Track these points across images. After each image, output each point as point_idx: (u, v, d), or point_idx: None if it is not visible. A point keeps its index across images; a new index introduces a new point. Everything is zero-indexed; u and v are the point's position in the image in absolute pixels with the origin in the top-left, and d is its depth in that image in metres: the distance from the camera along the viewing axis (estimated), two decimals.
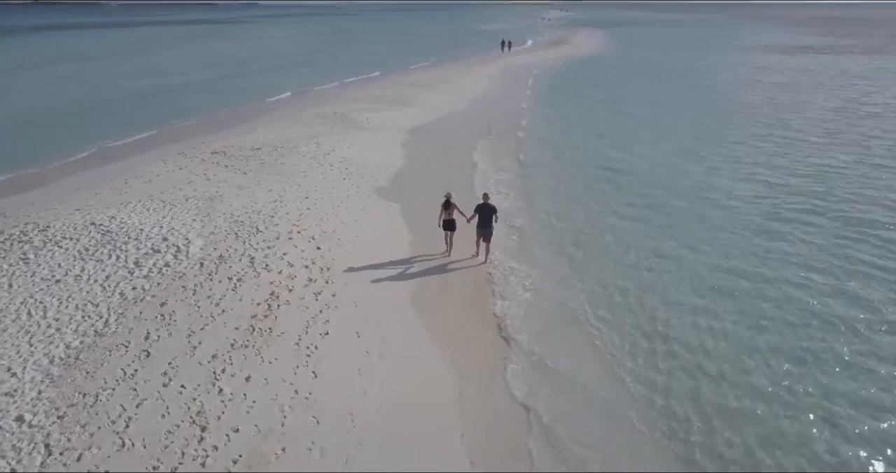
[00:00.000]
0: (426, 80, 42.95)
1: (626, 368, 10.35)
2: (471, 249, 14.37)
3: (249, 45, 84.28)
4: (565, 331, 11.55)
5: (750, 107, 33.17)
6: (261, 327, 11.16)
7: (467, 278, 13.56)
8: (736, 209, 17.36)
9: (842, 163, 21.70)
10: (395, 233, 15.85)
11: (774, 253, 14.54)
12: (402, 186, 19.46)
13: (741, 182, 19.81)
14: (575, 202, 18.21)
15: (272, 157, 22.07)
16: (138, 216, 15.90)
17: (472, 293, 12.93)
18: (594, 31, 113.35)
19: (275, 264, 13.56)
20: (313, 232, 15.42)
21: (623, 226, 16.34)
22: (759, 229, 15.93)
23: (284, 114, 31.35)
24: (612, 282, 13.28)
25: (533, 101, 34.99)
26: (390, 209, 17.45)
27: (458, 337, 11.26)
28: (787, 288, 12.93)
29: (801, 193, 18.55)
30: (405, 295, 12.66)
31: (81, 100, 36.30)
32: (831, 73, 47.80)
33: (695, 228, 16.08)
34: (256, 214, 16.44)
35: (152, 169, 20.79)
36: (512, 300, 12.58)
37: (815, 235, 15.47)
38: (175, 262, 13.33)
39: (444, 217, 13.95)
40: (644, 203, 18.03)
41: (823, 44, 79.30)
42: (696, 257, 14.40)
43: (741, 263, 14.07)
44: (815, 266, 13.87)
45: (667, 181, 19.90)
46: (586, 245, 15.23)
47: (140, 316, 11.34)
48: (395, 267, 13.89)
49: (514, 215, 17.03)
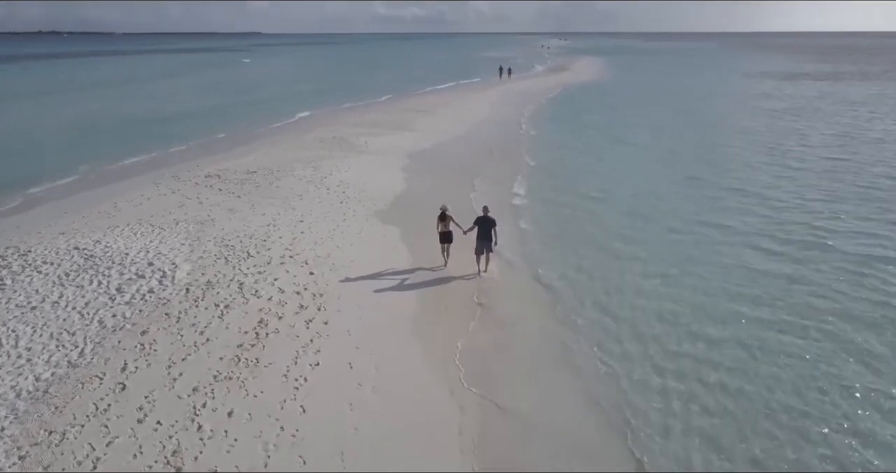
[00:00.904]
0: (426, 105, 42.82)
1: (633, 408, 9.61)
2: (468, 260, 14.22)
3: (251, 73, 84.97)
4: (568, 361, 10.82)
5: (748, 133, 32.53)
6: (247, 357, 10.43)
7: (466, 299, 12.99)
8: (734, 235, 16.63)
9: (844, 192, 20.70)
10: (392, 256, 15.21)
11: (770, 283, 13.83)
12: (400, 210, 18.89)
13: (741, 209, 19.03)
14: (576, 230, 17.41)
15: (267, 181, 21.54)
16: (125, 240, 15.27)
17: (472, 315, 12.27)
18: (594, 58, 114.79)
19: (265, 290, 12.87)
20: (307, 256, 14.77)
21: (622, 250, 15.69)
22: (755, 258, 15.06)
23: (282, 138, 30.99)
24: (614, 312, 12.59)
25: (532, 128, 34.50)
26: (388, 232, 16.85)
27: (457, 366, 10.53)
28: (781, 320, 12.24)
29: (804, 224, 17.54)
30: (402, 322, 11.96)
31: (78, 126, 36.09)
32: (830, 98, 47.65)
33: (695, 255, 15.34)
34: (248, 238, 15.81)
35: (143, 192, 20.24)
36: (509, 329, 11.88)
37: (820, 266, 14.57)
38: (160, 288, 12.65)
39: (440, 229, 14.10)
40: (642, 228, 17.38)
41: (821, 71, 79.88)
42: (700, 284, 13.71)
43: (737, 288, 13.42)
44: (816, 300, 13.12)
45: (665, 207, 19.17)
46: (584, 270, 14.59)
47: (118, 345, 10.62)
48: (391, 292, 13.23)
49: (515, 239, 16.45)
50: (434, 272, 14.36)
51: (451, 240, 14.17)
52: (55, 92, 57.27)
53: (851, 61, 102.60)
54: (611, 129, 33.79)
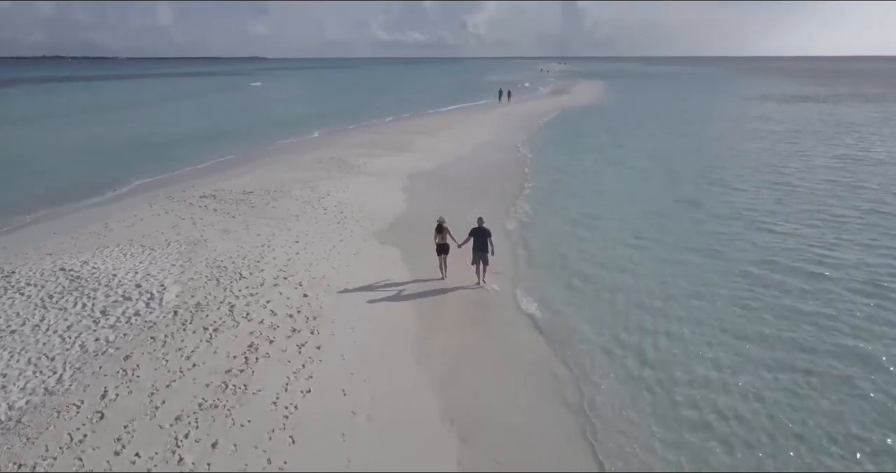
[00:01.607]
0: (426, 127, 42.67)
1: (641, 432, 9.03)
2: (466, 272, 14.52)
3: (252, 96, 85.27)
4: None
5: (749, 155, 31.87)
6: (235, 384, 9.86)
7: (464, 315, 12.66)
8: (733, 260, 16.00)
9: (849, 216, 19.91)
10: (389, 276, 14.70)
11: (770, 313, 13.27)
12: (398, 230, 18.45)
13: (740, 233, 18.38)
14: (571, 254, 16.73)
15: (263, 201, 21.13)
16: (113, 261, 14.79)
17: (472, 333, 11.78)
18: (593, 81, 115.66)
19: (256, 313, 12.35)
20: (301, 278, 14.27)
21: (618, 274, 15.11)
22: (756, 285, 14.35)
23: (280, 159, 30.69)
24: (614, 333, 12.07)
25: (532, 151, 33.96)
26: (386, 253, 16.39)
27: (459, 390, 9.96)
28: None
29: (807, 250, 16.83)
30: (399, 345, 11.43)
31: (77, 148, 35.85)
32: (830, 121, 47.27)
33: (694, 280, 14.70)
34: (241, 259, 15.33)
35: (136, 212, 19.82)
36: (507, 351, 11.34)
37: (825, 296, 13.84)
38: (146, 311, 12.12)
39: (438, 241, 14.25)
40: (642, 250, 16.86)
41: (819, 93, 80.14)
42: (699, 310, 13.18)
43: (738, 313, 12.89)
44: (821, 320, 12.62)
45: (662, 231, 18.49)
46: (585, 288, 14.13)
47: (99, 371, 10.06)
48: (387, 313, 12.70)
49: (510, 261, 15.99)
50: (432, 285, 14.27)
51: (448, 252, 14.39)
52: (59, 115, 57.19)
53: (849, 84, 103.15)
54: (610, 152, 33.30)
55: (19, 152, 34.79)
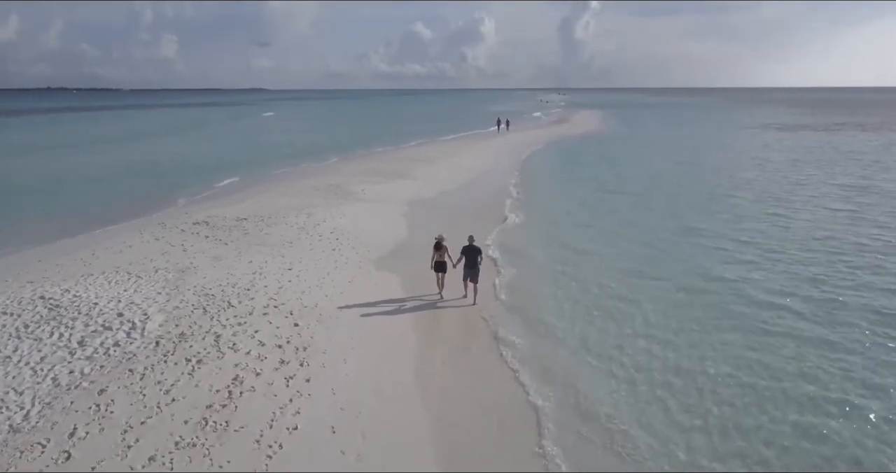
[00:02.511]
0: (426, 155, 42.47)
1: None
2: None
3: (254, 126, 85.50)
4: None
5: (751, 184, 30.99)
6: (216, 420, 9.15)
7: (460, 343, 12.09)
8: (736, 291, 15.30)
9: (857, 245, 19.11)
10: (384, 305, 14.09)
11: (773, 347, 12.63)
12: (393, 257, 17.89)
13: (743, 263, 17.80)
14: (568, 282, 16.05)
15: (257, 228, 20.59)
16: (96, 289, 14.16)
17: (469, 367, 11.08)
18: (592, 111, 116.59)
19: (243, 343, 11.68)
20: (292, 306, 13.63)
21: (614, 303, 14.40)
22: (758, 318, 13.60)
23: (277, 186, 30.28)
24: (611, 353, 11.40)
25: (530, 179, 33.46)
26: (381, 280, 15.81)
27: (456, 430, 9.24)
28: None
29: (814, 281, 15.99)
30: (393, 378, 10.73)
31: (73, 178, 35.44)
32: (832, 149, 46.82)
33: (694, 309, 14.03)
34: (231, 287, 14.71)
35: (126, 239, 19.25)
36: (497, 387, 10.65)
37: (836, 329, 13.10)
38: (126, 341, 11.45)
39: (436, 258, 14.41)
40: (641, 280, 16.08)
41: (818, 122, 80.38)
42: (699, 344, 12.54)
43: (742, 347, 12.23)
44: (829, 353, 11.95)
45: (662, 262, 17.71)
46: (582, 314, 13.45)
47: (70, 406, 9.35)
48: (381, 345, 12.03)
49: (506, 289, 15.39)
50: (428, 308, 14.13)
51: (446, 270, 14.52)
52: (69, 145, 56.82)
53: (845, 113, 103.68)
54: (609, 181, 32.47)
55: (18, 181, 34.24)
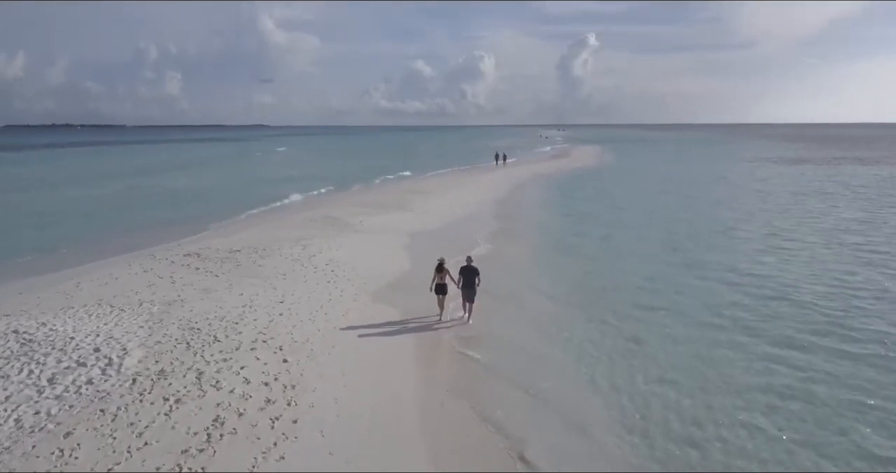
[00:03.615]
0: (424, 188, 42.12)
1: None
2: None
3: (255, 161, 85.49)
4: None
5: (756, 218, 29.77)
6: (191, 466, 8.31)
7: (459, 377, 10.90)
8: (739, 332, 14.62)
9: (870, 282, 17.96)
10: (378, 339, 13.28)
11: (778, 396, 11.83)
12: (390, 290, 17.12)
13: (745, 303, 16.92)
14: (571, 307, 15.66)
15: (250, 260, 19.91)
16: (75, 322, 13.40)
17: (469, 407, 10.22)
18: (592, 146, 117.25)
19: (227, 380, 10.87)
20: (282, 341, 12.84)
21: (622, 341, 13.59)
22: (763, 362, 12.98)
23: (274, 217, 29.79)
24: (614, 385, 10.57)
25: (527, 213, 32.64)
26: (377, 313, 15.01)
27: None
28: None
29: (824, 323, 15.29)
30: (387, 419, 9.87)
31: (71, 211, 34.90)
32: (835, 183, 45.92)
33: (698, 351, 13.21)
34: (219, 321, 13.95)
35: (113, 271, 18.55)
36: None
37: (848, 380, 12.43)
38: (101, 379, 10.65)
39: (437, 281, 14.47)
40: (643, 315, 15.28)
41: (819, 156, 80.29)
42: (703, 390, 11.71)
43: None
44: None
45: (665, 298, 16.64)
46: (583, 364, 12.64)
47: (31, 451, 8.51)
48: (375, 383, 11.18)
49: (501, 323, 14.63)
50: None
51: (447, 292, 14.58)
52: (75, 181, 56.66)
53: (845, 148, 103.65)
54: (608, 215, 31.33)
55: (15, 214, 33.53)
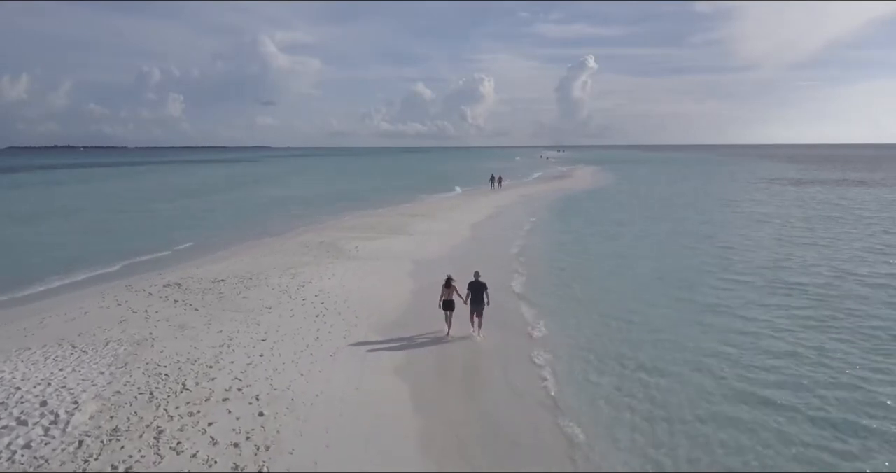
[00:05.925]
0: (422, 210, 40.79)
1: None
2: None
3: (250, 182, 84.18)
4: None
5: (763, 246, 27.34)
6: None
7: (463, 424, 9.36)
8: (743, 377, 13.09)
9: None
10: (370, 384, 11.74)
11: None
12: (385, 323, 15.65)
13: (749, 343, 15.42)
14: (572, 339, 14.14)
15: (234, 291, 18.45)
16: (27, 368, 11.90)
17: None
18: (592, 167, 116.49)
19: (190, 441, 9.34)
20: (259, 389, 11.34)
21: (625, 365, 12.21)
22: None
23: (264, 243, 28.33)
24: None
25: (526, 235, 30.92)
26: (368, 353, 13.48)
27: None
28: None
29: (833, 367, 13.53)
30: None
31: (53, 237, 33.50)
32: (841, 207, 43.54)
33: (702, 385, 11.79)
34: (191, 364, 12.46)
35: (83, 305, 17.07)
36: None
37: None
38: (42, 441, 9.12)
39: (445, 297, 14.49)
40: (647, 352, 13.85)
41: (824, 177, 78.89)
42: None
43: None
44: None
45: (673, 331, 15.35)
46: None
47: None
48: (365, 441, 9.63)
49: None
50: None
51: (454, 308, 14.55)
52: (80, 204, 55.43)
53: (849, 169, 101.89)
54: (610, 241, 29.34)
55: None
